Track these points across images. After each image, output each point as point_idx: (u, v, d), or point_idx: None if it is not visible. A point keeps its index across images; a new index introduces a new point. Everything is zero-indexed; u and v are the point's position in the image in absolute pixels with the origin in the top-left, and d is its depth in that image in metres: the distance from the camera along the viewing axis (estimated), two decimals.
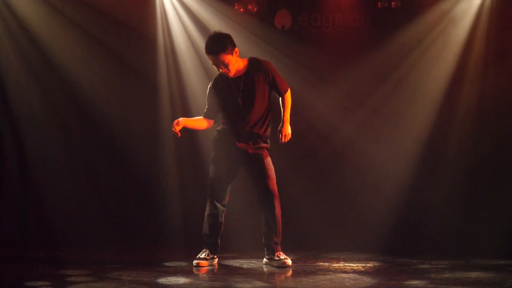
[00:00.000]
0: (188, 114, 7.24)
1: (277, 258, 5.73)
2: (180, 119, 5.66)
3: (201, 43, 7.30)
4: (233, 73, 5.58)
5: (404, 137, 7.26)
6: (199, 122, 5.80)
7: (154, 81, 7.30)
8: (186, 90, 7.31)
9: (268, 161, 5.78)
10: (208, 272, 5.50)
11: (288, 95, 5.76)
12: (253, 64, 5.64)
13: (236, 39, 7.20)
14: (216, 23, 7.27)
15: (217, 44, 5.48)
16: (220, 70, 5.56)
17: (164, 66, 7.30)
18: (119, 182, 7.24)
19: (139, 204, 7.26)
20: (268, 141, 5.81)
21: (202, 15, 7.30)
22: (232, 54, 5.52)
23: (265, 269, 5.64)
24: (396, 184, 7.19)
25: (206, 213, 5.81)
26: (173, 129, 5.60)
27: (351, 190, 7.29)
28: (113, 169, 7.25)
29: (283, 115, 5.74)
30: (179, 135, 5.65)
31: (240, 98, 5.62)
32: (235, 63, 5.56)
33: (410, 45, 7.24)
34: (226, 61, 5.50)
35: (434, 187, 7.16)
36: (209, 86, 5.77)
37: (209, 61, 7.30)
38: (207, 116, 5.79)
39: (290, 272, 5.48)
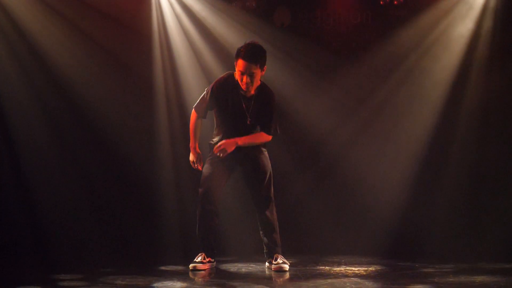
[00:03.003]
0: (184, 113, 7.24)
1: (275, 262, 5.73)
2: (196, 155, 5.85)
3: (198, 39, 7.31)
4: (251, 89, 5.64)
5: (407, 138, 7.27)
6: (198, 131, 5.89)
7: (150, 79, 7.28)
8: (182, 88, 7.30)
9: (265, 160, 5.80)
10: (205, 276, 5.50)
11: (265, 137, 5.73)
12: (264, 90, 5.74)
13: (234, 36, 7.24)
14: (213, 20, 7.28)
15: (259, 56, 5.59)
16: (243, 79, 5.59)
17: (160, 64, 7.29)
18: (114, 183, 7.21)
19: (134, 206, 7.24)
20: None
21: (199, 11, 7.30)
22: (262, 70, 5.63)
23: (264, 273, 5.63)
24: (399, 186, 7.19)
25: (197, 213, 5.79)
26: (197, 167, 5.85)
27: (353, 192, 7.29)
28: (107, 170, 7.22)
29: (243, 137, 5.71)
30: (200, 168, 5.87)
31: (249, 117, 5.69)
32: (258, 80, 5.65)
33: (413, 43, 7.24)
34: (255, 75, 5.59)
35: (438, 188, 7.16)
36: (212, 86, 5.75)
37: (209, 60, 7.22)
38: (202, 114, 5.82)
39: (289, 276, 5.47)
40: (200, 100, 5.81)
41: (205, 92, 5.80)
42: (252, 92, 5.68)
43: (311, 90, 7.34)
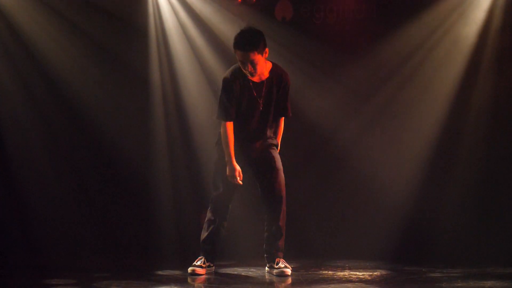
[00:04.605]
0: (182, 112, 7.23)
1: (276, 266, 5.71)
2: (237, 168, 5.62)
3: (196, 36, 7.30)
4: (258, 74, 5.57)
5: (413, 137, 7.25)
6: (233, 140, 5.68)
7: (146, 77, 7.27)
8: (180, 86, 7.29)
9: (278, 158, 5.79)
10: (203, 281, 5.48)
11: (283, 121, 5.82)
12: (276, 72, 5.67)
13: (233, 31, 7.20)
14: (212, 14, 7.26)
15: (250, 41, 5.47)
16: (246, 68, 5.52)
17: (156, 60, 7.28)
18: (108, 185, 7.22)
19: (130, 209, 7.24)
20: (275, 139, 5.85)
21: (197, 6, 7.29)
22: (262, 54, 5.53)
23: (264, 278, 5.62)
24: (405, 187, 7.17)
25: (206, 219, 5.79)
26: (238, 181, 5.64)
27: (357, 193, 7.28)
28: (102, 171, 7.22)
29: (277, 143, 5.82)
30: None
31: (262, 105, 5.64)
32: (263, 64, 5.57)
33: (420, 38, 7.22)
34: (256, 61, 5.49)
35: (446, 190, 7.15)
36: (227, 77, 5.63)
37: (205, 56, 7.19)
38: (231, 117, 5.61)
39: (291, 281, 5.46)
40: (221, 105, 5.64)
41: (221, 95, 5.67)
42: (266, 75, 5.62)
43: (313, 87, 7.32)
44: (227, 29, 7.25)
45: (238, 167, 5.62)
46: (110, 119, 7.20)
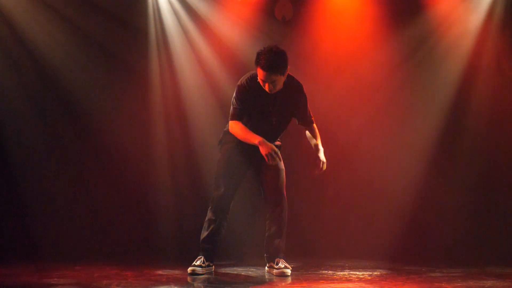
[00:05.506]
0: (182, 112, 7.24)
1: (276, 266, 5.72)
2: (274, 149, 5.54)
3: (196, 35, 7.30)
4: (276, 90, 5.57)
5: (414, 136, 7.26)
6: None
7: (146, 77, 7.27)
8: (180, 86, 7.29)
9: (280, 158, 5.79)
10: (203, 280, 5.49)
11: (315, 125, 5.85)
12: (291, 84, 5.66)
13: (233, 31, 7.22)
14: (212, 14, 7.26)
15: (276, 64, 5.44)
16: (265, 85, 5.52)
17: (157, 61, 7.28)
18: (108, 185, 7.22)
19: (130, 209, 7.24)
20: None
21: (197, 5, 7.29)
22: (284, 75, 5.54)
23: (264, 278, 5.63)
24: (405, 187, 7.19)
25: (206, 218, 5.80)
26: (277, 159, 5.55)
27: (357, 193, 7.29)
28: (102, 170, 7.22)
29: (317, 143, 5.80)
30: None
31: (273, 115, 5.66)
32: (283, 81, 5.57)
33: (420, 38, 7.24)
34: (277, 81, 5.51)
35: (446, 189, 7.17)
36: (243, 85, 5.62)
37: (206, 56, 7.18)
38: (241, 119, 5.67)
39: (291, 281, 5.46)
40: (233, 109, 5.68)
41: (234, 100, 5.69)
42: (281, 86, 5.60)
43: (314, 88, 7.30)
44: (226, 26, 7.26)
45: (272, 146, 5.55)
46: (110, 118, 7.20)
